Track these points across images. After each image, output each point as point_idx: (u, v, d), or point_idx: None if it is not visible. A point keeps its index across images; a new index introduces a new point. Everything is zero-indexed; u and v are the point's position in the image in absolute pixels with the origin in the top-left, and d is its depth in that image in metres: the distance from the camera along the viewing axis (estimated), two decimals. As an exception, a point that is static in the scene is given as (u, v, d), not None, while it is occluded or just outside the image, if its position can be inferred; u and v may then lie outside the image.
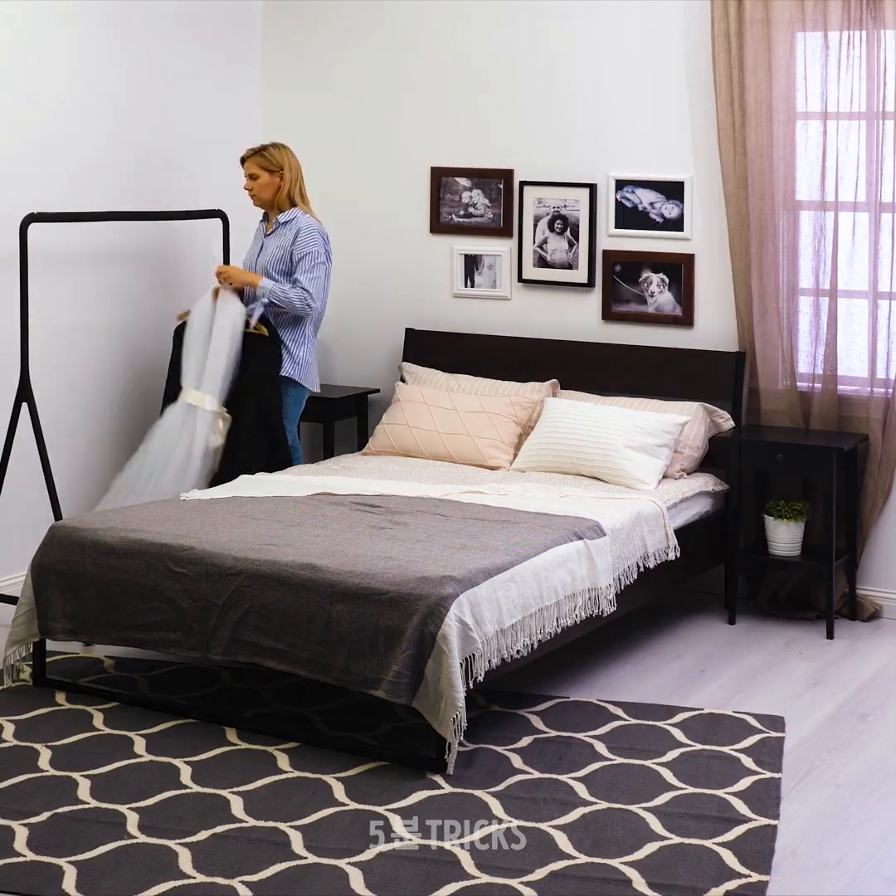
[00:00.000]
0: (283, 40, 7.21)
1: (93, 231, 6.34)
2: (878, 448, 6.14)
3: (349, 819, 4.24)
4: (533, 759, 4.67)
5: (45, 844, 4.05)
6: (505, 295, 6.85)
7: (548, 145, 6.70)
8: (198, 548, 4.95)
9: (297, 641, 4.72)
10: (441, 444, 6.38)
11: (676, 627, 6.05)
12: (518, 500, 5.58)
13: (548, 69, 6.66)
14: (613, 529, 5.39)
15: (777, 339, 6.25)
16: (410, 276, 7.06)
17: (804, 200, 6.20)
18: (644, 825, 4.22)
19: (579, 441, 6.10)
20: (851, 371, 6.22)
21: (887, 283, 6.06)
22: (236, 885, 3.85)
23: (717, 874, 3.94)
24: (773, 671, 5.57)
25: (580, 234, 6.62)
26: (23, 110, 6.08)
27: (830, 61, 6.03)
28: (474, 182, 6.87)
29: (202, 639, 4.89)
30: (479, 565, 4.74)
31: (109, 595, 5.05)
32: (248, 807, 4.30)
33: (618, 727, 4.96)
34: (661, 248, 6.51)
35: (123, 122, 6.53)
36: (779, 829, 4.22)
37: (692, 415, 6.23)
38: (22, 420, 5.90)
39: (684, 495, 6.00)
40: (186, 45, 6.82)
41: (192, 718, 4.96)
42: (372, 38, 7.02)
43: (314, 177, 6.69)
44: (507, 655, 4.74)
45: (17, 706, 5.03)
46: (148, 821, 4.20)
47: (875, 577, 6.27)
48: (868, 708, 5.20)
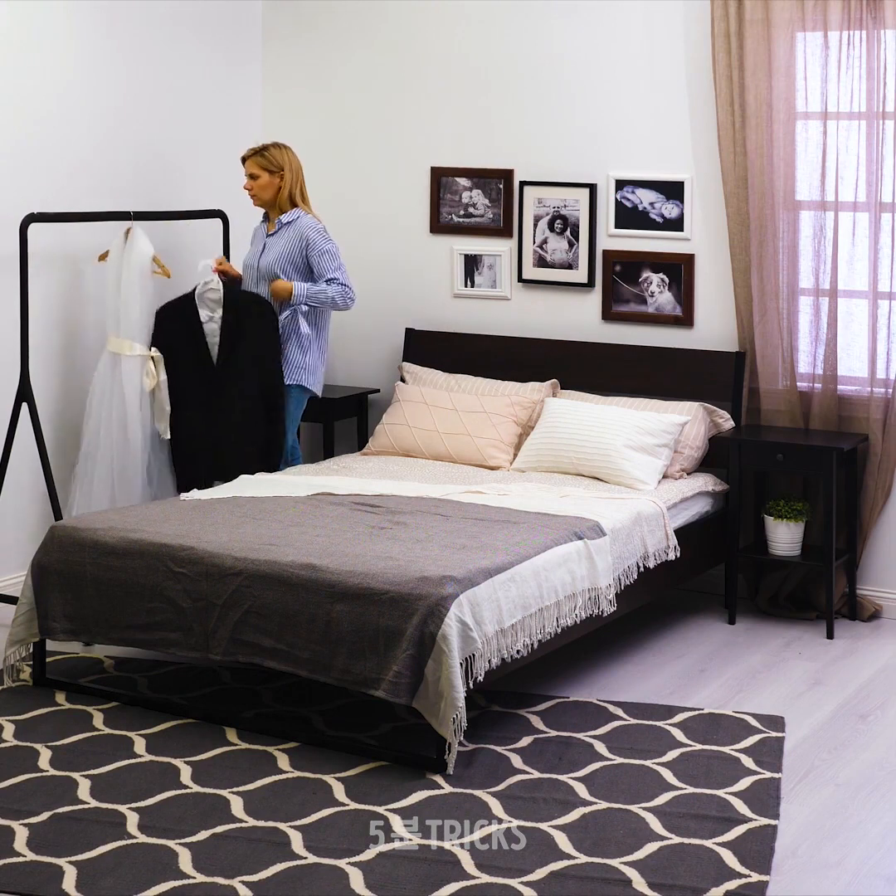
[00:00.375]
0: (283, 40, 7.21)
1: (93, 231, 6.34)
2: (878, 448, 6.14)
3: (349, 819, 4.24)
4: (533, 759, 4.67)
5: (45, 844, 4.05)
6: (505, 295, 6.85)
7: (548, 145, 6.70)
8: (198, 548, 4.95)
9: (297, 641, 4.72)
10: (441, 444, 6.39)
11: (676, 627, 6.05)
12: (518, 500, 5.58)
13: (548, 69, 6.66)
14: (613, 529, 5.39)
15: (777, 339, 6.25)
16: (410, 276, 7.06)
17: (804, 200, 6.20)
18: (644, 825, 4.22)
19: (579, 441, 6.10)
20: (851, 371, 6.22)
21: (887, 283, 6.06)
22: (236, 885, 3.85)
23: (717, 874, 3.94)
24: (773, 671, 5.57)
25: (580, 234, 6.62)
26: (23, 110, 6.08)
27: (830, 61, 6.03)
28: (474, 182, 6.87)
29: (202, 639, 4.89)
30: (479, 565, 4.74)
31: (109, 595, 5.05)
32: (248, 807, 4.30)
33: (618, 727, 4.95)
34: (661, 248, 6.51)
35: (123, 122, 6.53)
36: (779, 829, 4.22)
37: (692, 415, 6.23)
38: (22, 420, 5.90)
39: (684, 495, 6.00)
40: (186, 46, 6.82)
41: (192, 718, 4.96)
42: (372, 38, 7.02)
43: (314, 177, 6.70)
44: (507, 655, 4.74)
45: (17, 706, 5.03)
46: (148, 821, 4.20)
47: (875, 577, 6.27)
48: (868, 708, 5.20)
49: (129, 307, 6.10)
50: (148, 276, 6.15)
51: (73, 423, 6.37)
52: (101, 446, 6.11)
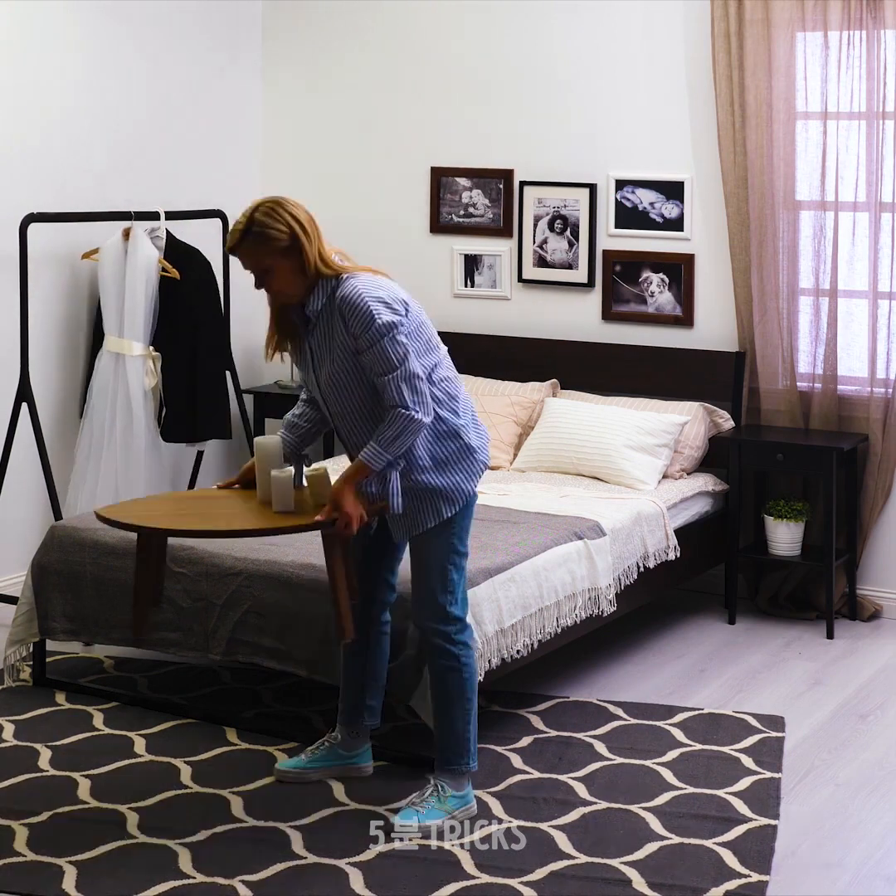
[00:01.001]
0: (283, 40, 7.21)
1: (93, 231, 6.33)
2: (878, 448, 6.13)
3: (349, 819, 4.24)
4: (533, 759, 4.67)
5: (45, 844, 4.05)
6: (505, 295, 6.85)
7: (548, 145, 6.70)
8: (198, 548, 4.95)
9: (297, 641, 4.72)
10: (441, 444, 6.37)
11: (676, 627, 6.05)
12: (518, 500, 5.58)
13: (548, 69, 6.65)
14: (613, 529, 5.39)
15: (777, 339, 6.25)
16: (410, 276, 7.04)
17: (804, 200, 6.20)
18: (644, 825, 4.22)
19: (579, 441, 6.10)
20: (851, 371, 6.22)
21: (887, 283, 6.06)
22: (236, 885, 3.85)
23: (717, 874, 3.94)
24: (773, 671, 5.57)
25: (580, 234, 6.62)
26: (23, 110, 6.08)
27: (830, 61, 6.03)
28: (474, 182, 6.87)
29: (202, 639, 4.88)
30: (479, 565, 4.74)
31: (109, 595, 5.04)
32: (248, 807, 4.30)
33: (618, 727, 4.95)
34: (661, 248, 6.51)
35: (123, 122, 6.53)
36: (779, 829, 4.22)
37: (692, 415, 6.23)
38: (22, 420, 5.90)
39: (684, 495, 6.00)
40: (186, 45, 6.81)
41: (192, 718, 4.96)
42: (372, 38, 7.01)
43: (314, 177, 6.70)
44: (507, 655, 4.74)
45: (17, 706, 5.03)
46: (148, 821, 4.20)
47: (875, 577, 6.27)
48: (868, 708, 5.20)
49: (136, 309, 6.10)
50: (154, 277, 6.15)
51: (73, 423, 6.37)
52: (106, 446, 6.12)
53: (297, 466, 4.36)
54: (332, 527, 4.07)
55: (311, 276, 4.05)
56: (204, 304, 6.32)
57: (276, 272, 4.03)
